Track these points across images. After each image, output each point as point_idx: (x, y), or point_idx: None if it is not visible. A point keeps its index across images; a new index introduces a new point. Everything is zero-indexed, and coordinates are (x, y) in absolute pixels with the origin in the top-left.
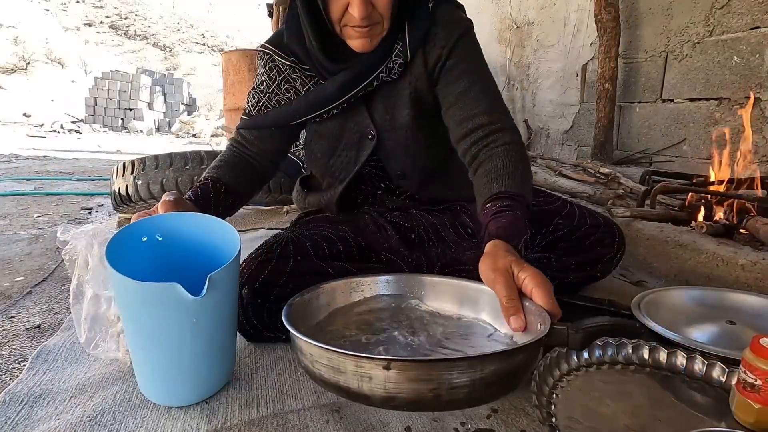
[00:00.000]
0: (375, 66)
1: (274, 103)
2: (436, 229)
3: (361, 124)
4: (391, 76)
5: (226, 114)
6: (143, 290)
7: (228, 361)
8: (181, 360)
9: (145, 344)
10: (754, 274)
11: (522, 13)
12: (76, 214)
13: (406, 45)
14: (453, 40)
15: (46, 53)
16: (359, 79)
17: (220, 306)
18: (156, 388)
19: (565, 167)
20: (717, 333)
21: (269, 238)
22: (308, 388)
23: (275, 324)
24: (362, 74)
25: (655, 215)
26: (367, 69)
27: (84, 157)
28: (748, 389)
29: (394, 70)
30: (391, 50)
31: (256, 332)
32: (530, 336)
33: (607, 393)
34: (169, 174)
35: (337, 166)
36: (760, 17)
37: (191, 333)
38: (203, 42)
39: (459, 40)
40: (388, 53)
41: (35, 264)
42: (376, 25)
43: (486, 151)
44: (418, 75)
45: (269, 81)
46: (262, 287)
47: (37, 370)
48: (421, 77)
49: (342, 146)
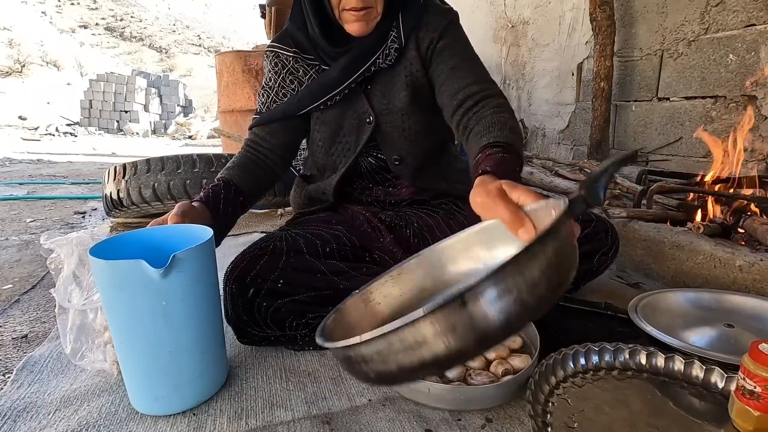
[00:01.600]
0: (374, 49)
1: (281, 97)
2: (430, 227)
3: (360, 110)
4: (387, 62)
5: (221, 116)
6: (113, 270)
7: (213, 367)
8: (160, 354)
9: (123, 337)
10: (752, 275)
11: (517, 12)
12: (70, 219)
13: (400, 31)
14: (443, 25)
15: (42, 56)
16: (359, 62)
17: (190, 291)
18: (141, 392)
19: (561, 167)
20: (715, 336)
21: (263, 236)
22: (299, 398)
23: (265, 320)
24: (362, 57)
25: (651, 215)
26: (366, 51)
27: (78, 161)
28: (747, 396)
29: (390, 56)
30: (387, 36)
31: (246, 328)
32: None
33: (604, 400)
34: (161, 178)
35: (338, 153)
36: (755, 14)
37: (164, 319)
38: (199, 43)
39: (449, 25)
40: (384, 38)
41: (24, 271)
42: (370, 9)
43: (476, 117)
44: (412, 59)
45: (275, 76)
46: (252, 281)
47: (21, 383)
48: (416, 61)
49: (343, 132)
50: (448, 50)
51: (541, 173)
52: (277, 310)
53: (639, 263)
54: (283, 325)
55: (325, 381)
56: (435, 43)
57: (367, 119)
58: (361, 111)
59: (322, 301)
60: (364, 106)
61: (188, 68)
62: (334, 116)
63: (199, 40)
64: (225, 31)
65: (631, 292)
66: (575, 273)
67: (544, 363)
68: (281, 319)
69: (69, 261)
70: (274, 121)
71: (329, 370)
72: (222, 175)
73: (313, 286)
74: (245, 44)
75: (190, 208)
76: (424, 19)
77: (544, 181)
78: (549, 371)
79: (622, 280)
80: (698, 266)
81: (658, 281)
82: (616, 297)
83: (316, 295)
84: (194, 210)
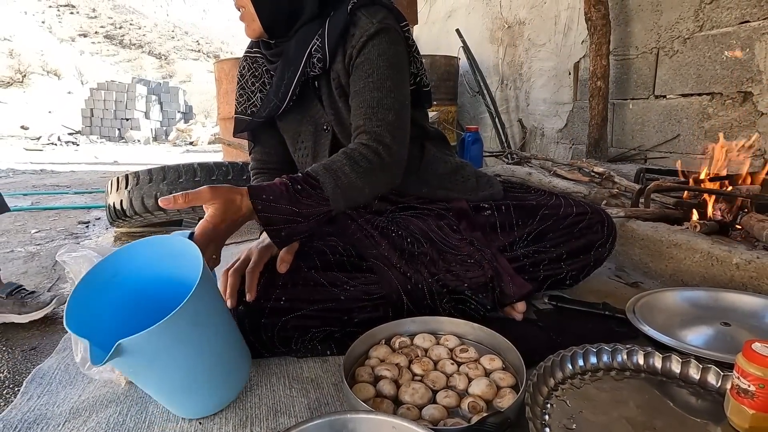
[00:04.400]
0: (297, 56)
1: (246, 97)
2: (423, 231)
3: (315, 116)
4: (315, 71)
5: (221, 123)
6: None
7: (233, 375)
8: (173, 385)
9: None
10: (749, 273)
11: (513, 13)
12: (74, 229)
13: (324, 42)
14: (363, 40)
15: (42, 65)
16: (288, 70)
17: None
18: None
19: (559, 167)
20: (712, 335)
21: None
22: (302, 404)
23: (272, 340)
24: (289, 63)
25: (649, 214)
26: (291, 59)
27: (81, 170)
28: (742, 395)
29: (315, 66)
30: (308, 44)
31: (254, 350)
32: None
33: (602, 401)
34: (163, 187)
35: (299, 159)
36: (749, 11)
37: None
38: (198, 49)
39: (368, 41)
40: (304, 46)
41: (31, 283)
42: (245, 13)
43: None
44: (339, 71)
45: (240, 75)
46: (255, 302)
47: (31, 395)
48: (342, 73)
49: (301, 138)
50: (361, 69)
51: (540, 173)
52: (283, 328)
53: (637, 262)
54: (289, 343)
55: (327, 387)
56: (354, 58)
57: (323, 126)
58: (316, 117)
59: (324, 314)
60: (318, 111)
61: (188, 74)
62: (293, 122)
63: (198, 45)
64: (223, 36)
65: (629, 292)
66: None
67: (542, 365)
68: (287, 337)
69: (78, 278)
70: (254, 133)
71: (331, 376)
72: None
73: (314, 299)
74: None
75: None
76: (350, 31)
77: (542, 182)
78: (547, 373)
79: (621, 279)
80: (696, 264)
81: (656, 280)
82: (615, 296)
83: (318, 309)
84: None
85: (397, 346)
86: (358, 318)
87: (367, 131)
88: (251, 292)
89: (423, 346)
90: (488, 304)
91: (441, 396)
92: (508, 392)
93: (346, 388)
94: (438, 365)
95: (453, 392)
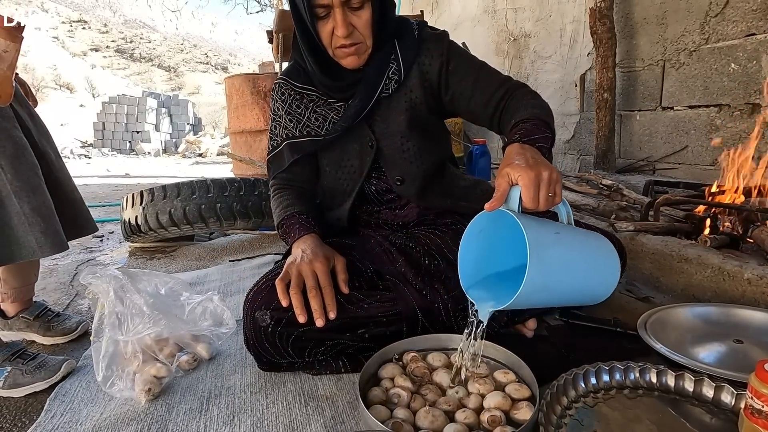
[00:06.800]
0: (376, 82)
1: (290, 126)
2: (439, 247)
3: (362, 135)
4: (387, 92)
5: (231, 137)
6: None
7: None
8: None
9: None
10: (761, 288)
11: (518, 26)
12: (88, 243)
13: (400, 63)
14: (446, 48)
15: (55, 79)
16: (368, 98)
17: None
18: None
19: (567, 179)
20: (724, 352)
21: (277, 266)
22: (318, 422)
23: (285, 348)
24: (368, 91)
25: (658, 228)
26: (371, 84)
27: (93, 182)
28: (756, 415)
29: (390, 87)
30: (386, 68)
31: (266, 355)
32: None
33: (616, 420)
34: (177, 203)
35: (344, 177)
36: (755, 24)
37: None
38: (206, 61)
39: (450, 47)
40: (383, 71)
41: (50, 299)
42: (359, 44)
43: (505, 110)
44: (413, 86)
45: (282, 103)
46: (275, 312)
47: (54, 413)
48: (417, 88)
49: (347, 157)
50: (462, 68)
51: None
52: (298, 339)
53: (648, 277)
54: (303, 353)
55: (342, 405)
56: (446, 67)
57: (370, 143)
58: (362, 136)
59: (339, 328)
60: (365, 130)
61: (196, 86)
62: (338, 141)
63: (206, 58)
64: (231, 49)
65: (641, 306)
66: None
67: (555, 384)
68: (302, 347)
69: (107, 298)
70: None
71: (346, 394)
72: (296, 210)
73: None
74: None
75: (319, 245)
76: (423, 47)
77: None
78: (561, 392)
79: (632, 293)
80: (707, 279)
81: (667, 294)
82: (626, 311)
83: (333, 324)
84: (321, 244)
85: (409, 367)
86: (373, 333)
87: (511, 87)
88: (333, 311)
89: (434, 365)
90: (501, 322)
91: (460, 415)
92: (525, 405)
93: (363, 409)
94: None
95: (470, 410)
